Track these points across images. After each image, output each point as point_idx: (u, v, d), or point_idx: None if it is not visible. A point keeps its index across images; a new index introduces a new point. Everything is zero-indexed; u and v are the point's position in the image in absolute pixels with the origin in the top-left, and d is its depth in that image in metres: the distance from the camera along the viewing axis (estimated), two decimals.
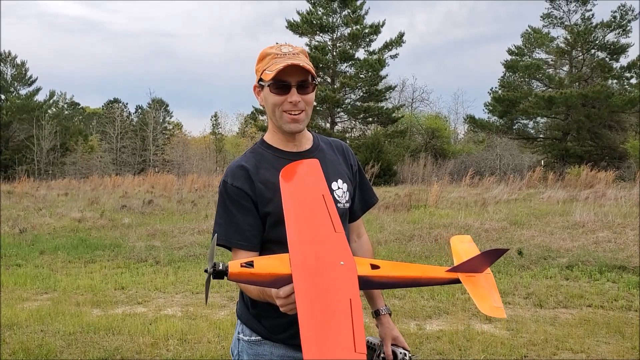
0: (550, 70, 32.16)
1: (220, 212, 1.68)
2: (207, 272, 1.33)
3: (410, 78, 54.52)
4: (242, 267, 1.33)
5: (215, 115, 48.93)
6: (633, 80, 30.23)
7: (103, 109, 50.79)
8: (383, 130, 31.33)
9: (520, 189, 17.24)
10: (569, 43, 30.17)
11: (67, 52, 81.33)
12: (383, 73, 30.62)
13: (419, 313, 5.34)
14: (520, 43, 32.75)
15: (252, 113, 37.02)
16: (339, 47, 30.90)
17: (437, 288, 5.91)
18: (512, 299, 5.80)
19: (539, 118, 32.26)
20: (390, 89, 32.64)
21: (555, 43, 31.20)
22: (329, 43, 31.21)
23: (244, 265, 1.33)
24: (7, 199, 17.36)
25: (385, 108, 31.25)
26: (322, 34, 31.25)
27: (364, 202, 1.93)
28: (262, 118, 33.12)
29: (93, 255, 8.69)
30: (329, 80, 31.34)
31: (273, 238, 1.66)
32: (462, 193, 16.15)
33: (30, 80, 42.42)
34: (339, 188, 1.76)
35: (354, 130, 33.45)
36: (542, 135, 33.06)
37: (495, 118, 32.65)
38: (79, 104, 53.90)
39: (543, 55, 32.27)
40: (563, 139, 30.00)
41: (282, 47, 1.67)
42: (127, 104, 51.92)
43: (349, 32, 30.60)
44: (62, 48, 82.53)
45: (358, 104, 30.82)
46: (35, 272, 7.60)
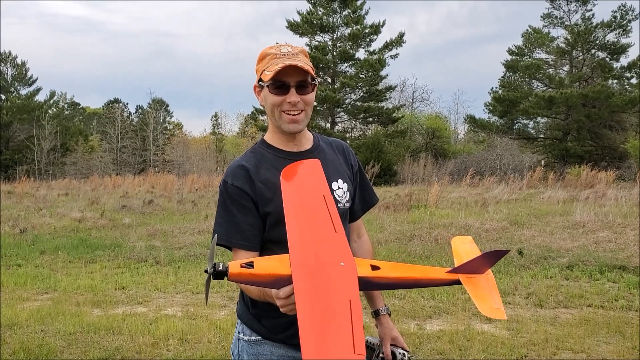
0: (551, 70, 32.16)
1: (221, 211, 1.68)
2: (207, 272, 1.33)
3: (411, 78, 55.00)
4: (242, 267, 1.33)
5: (216, 115, 49.08)
6: (633, 80, 30.25)
7: (103, 109, 50.79)
8: (383, 130, 31.34)
9: (521, 189, 17.25)
10: (569, 43, 30.16)
11: (67, 52, 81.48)
12: (383, 73, 30.69)
13: (419, 313, 5.34)
14: (521, 43, 32.79)
15: (252, 113, 37.04)
16: (339, 47, 30.90)
17: (437, 288, 5.90)
18: (512, 299, 5.80)
19: (539, 118, 32.27)
20: (391, 89, 32.65)
21: (556, 43, 31.20)
22: (329, 43, 31.22)
23: (244, 266, 1.33)
24: (7, 199, 17.37)
25: (386, 108, 31.25)
26: (322, 34, 31.26)
27: (365, 202, 1.93)
28: (262, 118, 33.12)
29: (93, 255, 8.69)
30: (329, 80, 31.34)
31: (273, 238, 1.66)
32: (462, 193, 16.15)
33: (31, 81, 42.47)
34: (339, 188, 1.76)
35: (354, 130, 33.47)
36: (542, 135, 33.06)
37: (496, 118, 32.64)
38: (79, 104, 53.89)
39: (543, 55, 32.28)
40: (563, 139, 29.99)
41: (281, 47, 1.67)
42: (127, 104, 52.04)
43: (349, 32, 30.60)
44: (62, 48, 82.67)
45: (358, 104, 30.82)
46: (36, 272, 7.60)
